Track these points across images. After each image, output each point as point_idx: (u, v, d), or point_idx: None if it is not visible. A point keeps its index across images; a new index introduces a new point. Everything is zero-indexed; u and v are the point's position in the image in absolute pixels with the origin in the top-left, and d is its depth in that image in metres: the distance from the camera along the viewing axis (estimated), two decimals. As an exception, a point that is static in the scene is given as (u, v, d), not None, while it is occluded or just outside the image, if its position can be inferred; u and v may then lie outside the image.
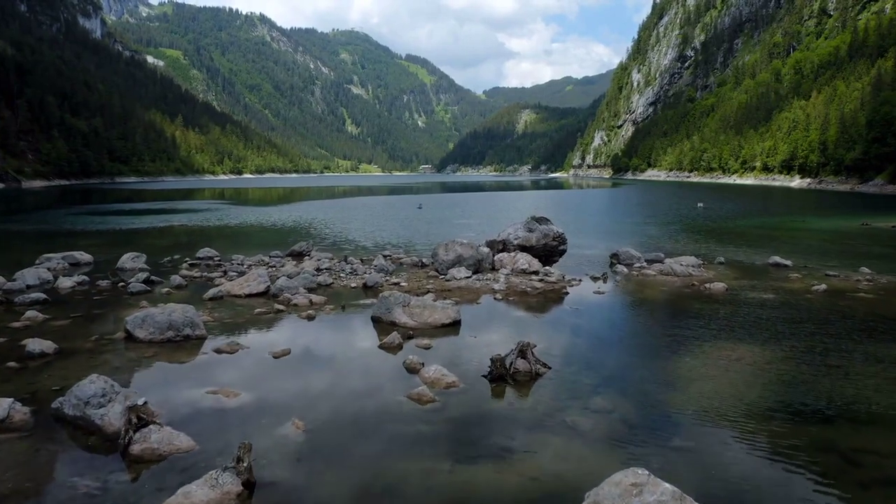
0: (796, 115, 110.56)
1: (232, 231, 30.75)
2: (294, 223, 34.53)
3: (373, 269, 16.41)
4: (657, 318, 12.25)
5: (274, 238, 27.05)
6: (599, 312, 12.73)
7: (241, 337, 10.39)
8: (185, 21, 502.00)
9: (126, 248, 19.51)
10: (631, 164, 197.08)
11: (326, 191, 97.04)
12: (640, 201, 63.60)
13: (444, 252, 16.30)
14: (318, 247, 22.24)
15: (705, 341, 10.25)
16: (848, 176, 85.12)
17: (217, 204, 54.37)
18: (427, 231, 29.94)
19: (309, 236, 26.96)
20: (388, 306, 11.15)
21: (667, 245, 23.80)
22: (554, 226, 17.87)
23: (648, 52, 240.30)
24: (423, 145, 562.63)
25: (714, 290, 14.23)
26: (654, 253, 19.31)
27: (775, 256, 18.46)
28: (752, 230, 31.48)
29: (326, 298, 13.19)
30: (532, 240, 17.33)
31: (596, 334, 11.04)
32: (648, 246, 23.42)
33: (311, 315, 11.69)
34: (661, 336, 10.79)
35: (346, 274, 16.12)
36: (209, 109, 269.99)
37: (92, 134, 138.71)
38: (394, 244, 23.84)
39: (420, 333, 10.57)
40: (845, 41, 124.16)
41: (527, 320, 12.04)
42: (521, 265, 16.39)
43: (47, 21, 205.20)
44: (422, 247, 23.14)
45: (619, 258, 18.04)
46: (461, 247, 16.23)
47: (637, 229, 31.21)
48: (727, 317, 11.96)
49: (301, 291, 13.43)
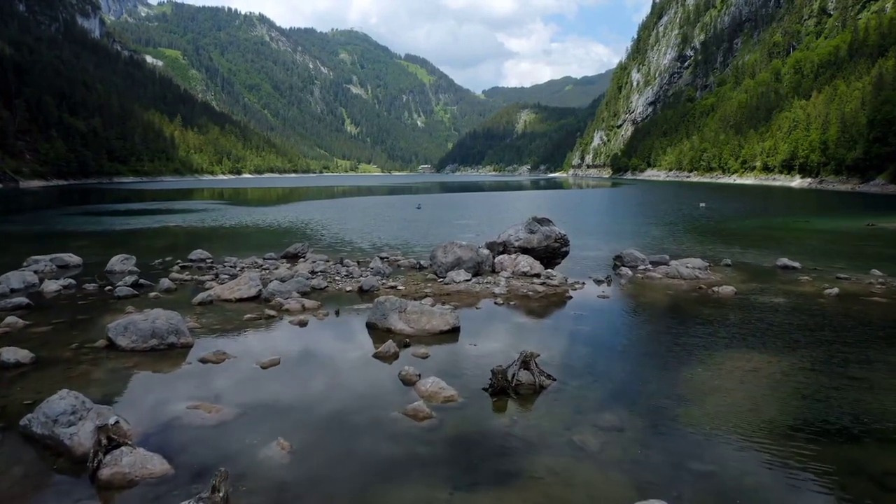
0: (796, 114, 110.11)
1: (226, 232, 30.19)
2: (290, 224, 33.99)
3: (369, 272, 15.89)
4: (665, 325, 11.71)
5: (269, 239, 26.52)
6: (605, 319, 12.19)
7: (229, 345, 9.86)
8: (183, 21, 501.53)
9: (118, 250, 18.98)
10: (630, 163, 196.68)
11: (325, 191, 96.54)
12: (641, 201, 63.11)
13: (442, 254, 15.78)
14: (313, 248, 21.71)
15: (717, 350, 9.74)
16: (849, 176, 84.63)
17: (214, 204, 53.83)
18: (426, 232, 29.40)
19: (304, 238, 26.43)
20: (384, 312, 10.64)
21: (671, 246, 23.28)
22: (556, 227, 17.34)
23: (648, 51, 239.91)
24: (423, 145, 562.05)
25: (723, 294, 13.72)
26: (658, 255, 18.80)
27: (783, 258, 17.95)
28: (757, 230, 30.97)
29: (320, 303, 12.67)
30: (533, 241, 16.81)
31: (602, 342, 10.50)
32: (652, 247, 22.92)
33: (303, 321, 11.17)
34: (670, 344, 10.27)
35: (341, 277, 15.60)
36: (208, 109, 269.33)
37: (90, 134, 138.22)
38: (391, 245, 23.34)
39: (417, 341, 10.05)
40: (845, 41, 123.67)
41: (529, 327, 11.53)
42: (522, 268, 15.87)
43: (46, 21, 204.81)
44: (420, 248, 22.62)
45: (623, 260, 17.53)
46: (460, 249, 15.71)
47: (640, 230, 30.69)
48: (738, 323, 11.45)
49: (294, 296, 12.92)
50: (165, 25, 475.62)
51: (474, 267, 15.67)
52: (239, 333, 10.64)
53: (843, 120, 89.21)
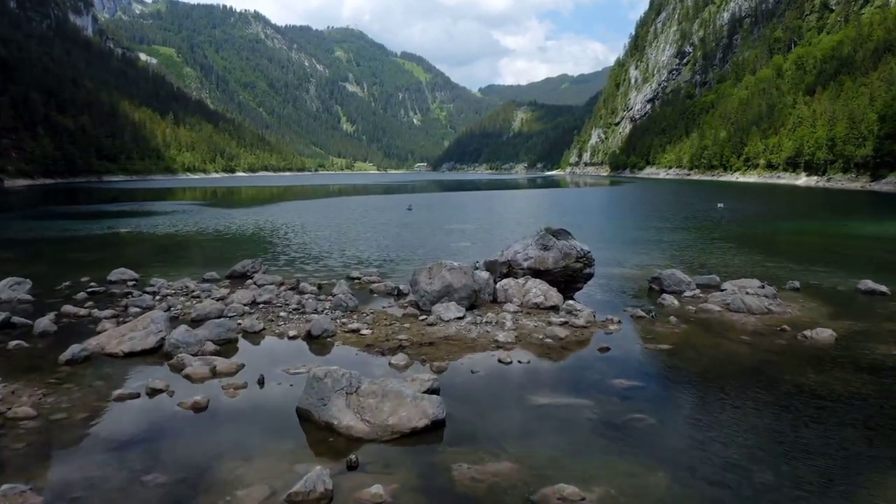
0: (801, 111, 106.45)
1: (179, 241, 25.93)
2: (257, 230, 29.69)
3: (328, 304, 11.89)
4: (763, 410, 7.36)
5: (223, 251, 22.27)
6: (668, 394, 7.97)
7: (54, 462, 5.85)
8: (178, 18, 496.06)
9: (35, 266, 15.09)
10: (629, 161, 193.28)
11: (316, 190, 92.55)
12: (648, 201, 59.21)
13: (426, 280, 11.77)
14: (270, 265, 17.62)
15: (865, 462, 5.77)
16: (858, 173, 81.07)
17: (188, 205, 49.69)
18: (414, 240, 25.35)
19: (266, 250, 22.16)
20: (323, 394, 6.63)
21: (709, 259, 19.24)
22: (576, 241, 13.32)
23: (646, 48, 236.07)
24: (419, 143, 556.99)
25: (820, 340, 9.71)
26: (705, 275, 14.77)
27: (865, 280, 13.94)
28: (799, 238, 27.11)
29: (241, 364, 8.59)
30: (548, 261, 12.76)
31: (673, 452, 6.24)
32: (685, 260, 18.95)
33: (199, 404, 7.09)
34: (781, 455, 6.22)
35: (288, 312, 11.51)
36: (202, 107, 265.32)
37: (79, 131, 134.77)
38: (368, 261, 19.26)
39: (372, 453, 6.01)
40: (849, 36, 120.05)
41: (552, 413, 7.33)
42: (533, 297, 11.86)
43: (37, 18, 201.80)
44: (404, 264, 18.58)
45: (662, 283, 13.52)
46: (451, 273, 11.69)
47: (661, 237, 26.60)
48: (876, 402, 7.45)
49: (207, 349, 8.91)
50: (160, 23, 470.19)
51: (469, 296, 11.66)
52: (85, 433, 6.56)
53: (851, 116, 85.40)
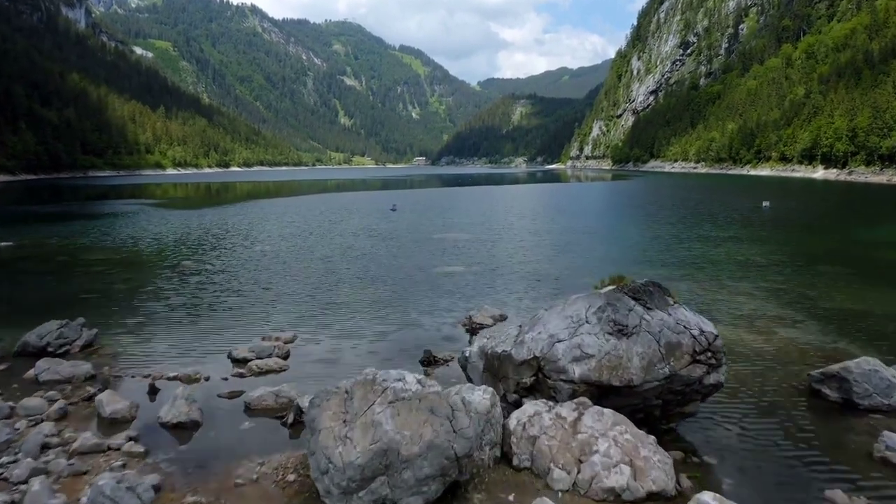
0: (816, 100, 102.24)
1: (56, 265, 20.26)
2: (176, 243, 24.86)
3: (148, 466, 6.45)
4: None
5: (78, 286, 16.73)
6: None
7: None
8: (174, 12, 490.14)
9: None
10: (632, 154, 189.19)
11: (305, 186, 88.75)
12: (669, 199, 52.93)
13: (339, 432, 5.65)
14: (124, 322, 12.59)
15: None
16: (883, 166, 76.96)
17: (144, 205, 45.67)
18: (386, 260, 20.45)
19: (145, 285, 16.68)
20: None
21: (843, 303, 14.20)
22: (684, 310, 7.28)
23: (648, 38, 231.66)
24: (418, 137, 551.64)
25: None
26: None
27: None
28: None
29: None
30: (630, 362, 6.55)
31: None
32: (776, 296, 14.74)
33: None
34: None
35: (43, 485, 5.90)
36: (196, 101, 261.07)
37: (63, 125, 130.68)
38: (298, 307, 13.97)
39: None
40: (863, 23, 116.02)
41: None
42: (601, 465, 5.80)
43: (27, 10, 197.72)
44: (354, 313, 13.60)
45: (848, 390, 8.02)
46: (393, 412, 5.70)
47: (718, 255, 21.44)
48: None
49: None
50: (156, 17, 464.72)
51: (442, 473, 5.58)
52: None
53: (874, 105, 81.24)
